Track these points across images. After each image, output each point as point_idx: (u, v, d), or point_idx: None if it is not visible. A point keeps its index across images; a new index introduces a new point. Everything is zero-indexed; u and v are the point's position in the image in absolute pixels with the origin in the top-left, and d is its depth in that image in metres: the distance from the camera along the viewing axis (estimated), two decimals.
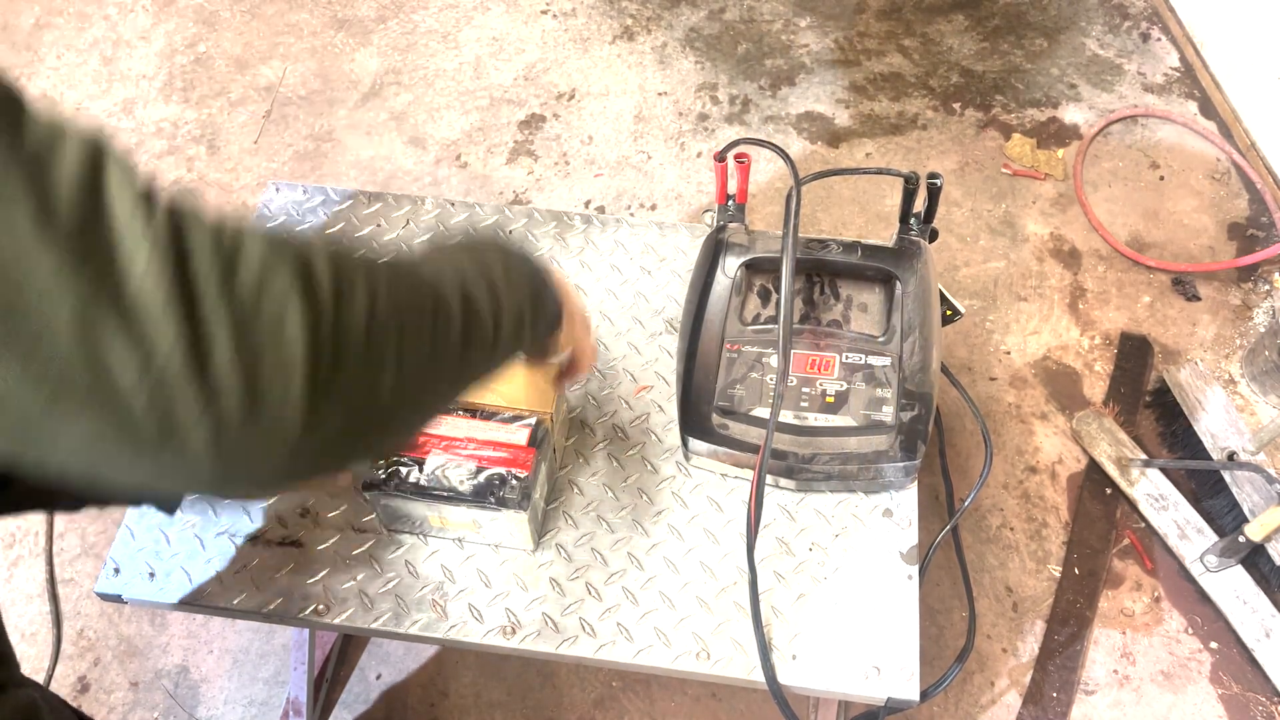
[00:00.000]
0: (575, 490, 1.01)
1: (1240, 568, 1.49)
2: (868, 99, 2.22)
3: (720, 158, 1.04)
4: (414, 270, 0.52)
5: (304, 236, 0.44)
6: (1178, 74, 2.25)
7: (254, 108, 2.24)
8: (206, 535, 0.99)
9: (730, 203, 1.12)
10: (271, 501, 1.01)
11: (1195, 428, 1.58)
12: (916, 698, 0.90)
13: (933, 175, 1.04)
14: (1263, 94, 2.03)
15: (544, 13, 2.42)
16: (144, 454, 0.37)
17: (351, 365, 0.42)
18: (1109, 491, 1.63)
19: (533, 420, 0.93)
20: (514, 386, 0.95)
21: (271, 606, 0.95)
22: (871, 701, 0.92)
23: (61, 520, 1.63)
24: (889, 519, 0.99)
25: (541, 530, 0.98)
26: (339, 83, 2.28)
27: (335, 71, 2.31)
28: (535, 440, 0.92)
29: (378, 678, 1.49)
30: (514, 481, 0.90)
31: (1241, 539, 1.43)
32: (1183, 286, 1.89)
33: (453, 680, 1.49)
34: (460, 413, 0.94)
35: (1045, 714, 1.45)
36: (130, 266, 0.37)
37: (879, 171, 1.14)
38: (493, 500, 0.89)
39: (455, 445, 0.91)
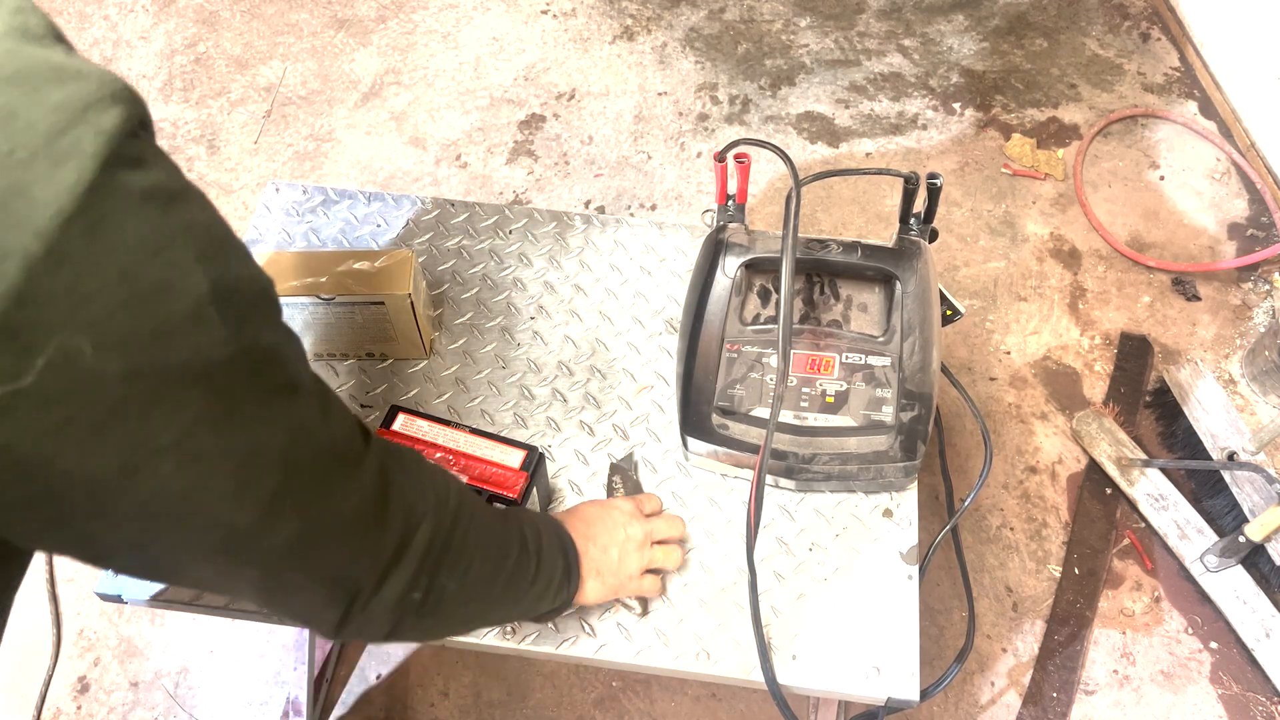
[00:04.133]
0: (575, 491, 1.01)
1: (1240, 568, 1.49)
2: (868, 99, 2.22)
3: (720, 158, 1.04)
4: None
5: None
6: (1178, 74, 2.25)
7: (254, 108, 2.24)
8: None
9: (730, 203, 1.12)
10: None
11: (1195, 428, 1.58)
12: (916, 698, 0.90)
13: (933, 175, 1.03)
14: (1263, 94, 2.03)
15: (544, 13, 2.42)
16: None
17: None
18: (1109, 491, 1.63)
19: (529, 445, 0.92)
20: (370, 278, 0.99)
21: None
22: (871, 701, 0.92)
23: None
24: (889, 519, 0.99)
25: None
26: (339, 83, 2.28)
27: (335, 71, 2.31)
28: (529, 465, 0.90)
29: (378, 678, 1.50)
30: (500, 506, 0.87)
31: (1241, 539, 1.43)
32: (1183, 286, 1.89)
33: (453, 680, 1.49)
34: (460, 427, 0.93)
35: (1045, 714, 1.45)
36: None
37: (879, 172, 1.14)
38: None
39: (449, 459, 0.90)
